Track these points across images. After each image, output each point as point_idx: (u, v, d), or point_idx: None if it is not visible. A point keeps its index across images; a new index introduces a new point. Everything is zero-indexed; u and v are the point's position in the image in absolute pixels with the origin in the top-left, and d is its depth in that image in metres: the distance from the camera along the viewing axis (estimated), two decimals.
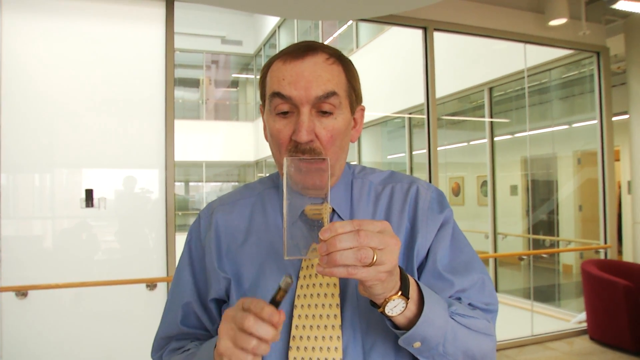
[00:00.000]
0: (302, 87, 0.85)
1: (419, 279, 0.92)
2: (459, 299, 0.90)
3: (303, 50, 0.89)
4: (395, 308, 0.75)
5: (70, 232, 3.38)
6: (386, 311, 0.75)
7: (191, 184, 15.33)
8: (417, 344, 0.78)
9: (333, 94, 0.87)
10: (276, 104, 0.88)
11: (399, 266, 0.74)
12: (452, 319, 0.81)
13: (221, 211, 1.01)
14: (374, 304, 0.77)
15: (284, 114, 0.88)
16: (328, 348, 0.86)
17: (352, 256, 0.65)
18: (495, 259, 6.70)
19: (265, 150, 13.03)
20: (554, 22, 4.68)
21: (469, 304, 0.90)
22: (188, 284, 1.00)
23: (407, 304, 0.75)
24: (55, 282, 3.18)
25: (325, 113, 0.88)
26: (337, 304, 0.88)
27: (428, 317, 0.76)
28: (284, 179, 0.71)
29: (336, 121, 0.89)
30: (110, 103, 3.45)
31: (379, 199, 0.98)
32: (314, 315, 0.88)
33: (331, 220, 0.94)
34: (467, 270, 0.92)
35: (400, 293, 0.74)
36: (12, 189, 3.26)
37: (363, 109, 0.99)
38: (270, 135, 0.92)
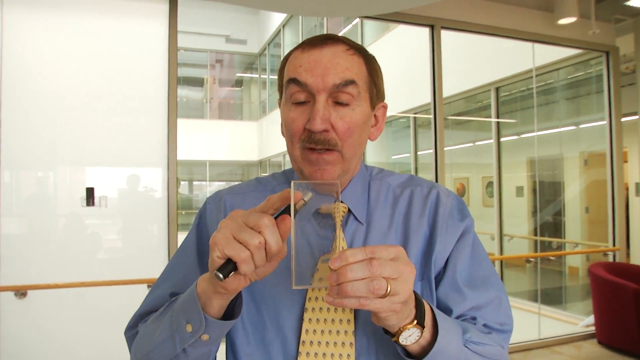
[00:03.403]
0: (318, 74, 0.82)
1: (435, 288, 0.88)
2: (474, 318, 0.86)
3: (323, 39, 0.86)
4: (410, 337, 0.70)
5: (70, 231, 3.34)
6: (400, 341, 0.70)
7: (195, 183, 15.32)
8: None
9: (351, 82, 0.83)
10: (292, 92, 0.84)
11: (414, 292, 0.69)
12: (466, 347, 0.77)
13: (231, 199, 0.96)
14: (387, 332, 0.72)
15: (301, 103, 0.84)
16: (340, 355, 0.82)
17: (364, 287, 0.61)
18: (502, 261, 6.63)
19: (269, 150, 13.00)
20: (563, 21, 4.62)
21: (484, 325, 0.86)
22: (191, 262, 0.93)
23: (422, 332, 0.70)
24: (55, 281, 3.14)
25: (342, 104, 0.83)
26: (351, 309, 0.82)
27: (442, 346, 0.72)
28: (291, 202, 0.66)
29: (353, 112, 0.84)
30: (113, 101, 3.42)
31: (398, 202, 0.93)
32: (325, 320, 0.83)
33: (347, 220, 0.90)
34: (485, 286, 0.89)
35: (415, 322, 0.69)
36: (12, 187, 3.22)
37: (385, 107, 0.95)
38: (285, 126, 0.88)
